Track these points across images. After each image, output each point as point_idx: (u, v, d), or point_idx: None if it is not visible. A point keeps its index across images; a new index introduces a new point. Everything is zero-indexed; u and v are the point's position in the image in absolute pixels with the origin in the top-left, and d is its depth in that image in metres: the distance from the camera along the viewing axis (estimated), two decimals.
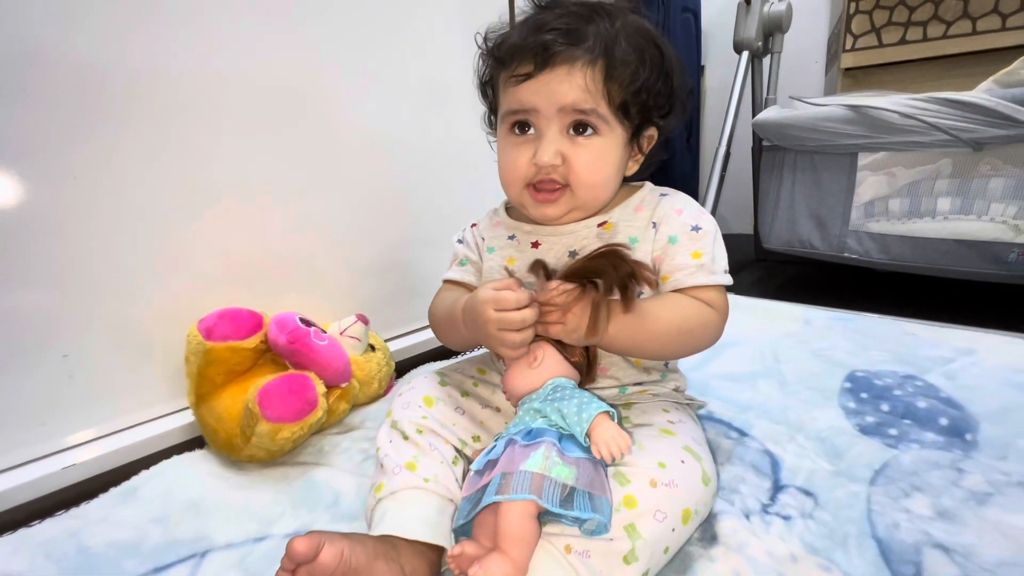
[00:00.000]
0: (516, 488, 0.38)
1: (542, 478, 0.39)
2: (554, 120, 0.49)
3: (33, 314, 0.61)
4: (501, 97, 0.53)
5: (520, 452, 0.41)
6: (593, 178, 0.51)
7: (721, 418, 0.68)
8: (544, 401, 0.44)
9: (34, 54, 0.57)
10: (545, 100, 0.48)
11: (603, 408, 0.43)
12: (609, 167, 0.51)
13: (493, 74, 0.54)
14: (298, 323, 0.67)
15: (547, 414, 0.43)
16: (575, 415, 0.42)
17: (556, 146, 0.49)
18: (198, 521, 0.54)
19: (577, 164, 0.49)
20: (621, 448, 0.40)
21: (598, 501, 0.40)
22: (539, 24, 0.49)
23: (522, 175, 0.51)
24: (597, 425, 0.41)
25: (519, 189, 0.53)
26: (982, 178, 1.09)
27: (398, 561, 0.41)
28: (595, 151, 0.50)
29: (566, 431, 0.42)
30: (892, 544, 0.46)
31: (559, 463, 0.40)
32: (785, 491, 0.54)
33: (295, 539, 0.38)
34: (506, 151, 0.53)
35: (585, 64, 0.47)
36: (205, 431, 0.66)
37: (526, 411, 0.45)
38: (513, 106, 0.50)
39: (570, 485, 0.39)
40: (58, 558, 0.50)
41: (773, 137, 1.33)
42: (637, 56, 0.49)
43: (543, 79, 0.47)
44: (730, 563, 0.44)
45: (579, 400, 0.43)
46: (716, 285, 0.51)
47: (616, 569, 0.39)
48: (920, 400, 0.69)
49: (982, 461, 0.56)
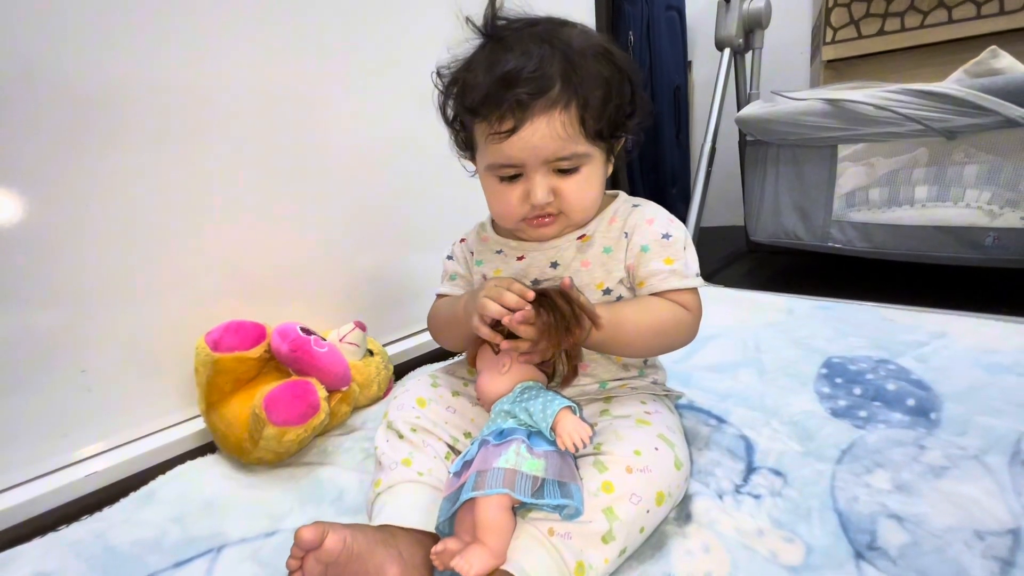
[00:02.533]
0: (491, 483, 0.42)
1: (514, 473, 0.43)
2: (540, 167, 0.52)
3: (50, 332, 0.64)
4: (480, 146, 0.54)
5: (493, 451, 0.45)
6: (583, 203, 0.55)
7: (701, 407, 0.72)
8: (513, 403, 0.48)
9: (36, 74, 0.60)
10: (530, 155, 0.50)
11: (565, 404, 0.47)
12: (595, 188, 0.55)
13: (463, 119, 0.56)
14: (299, 332, 0.71)
15: (516, 414, 0.47)
16: (540, 412, 0.46)
17: (546, 186, 0.52)
18: (213, 519, 0.59)
19: (567, 195, 0.53)
20: (583, 438, 0.44)
21: (567, 488, 0.44)
22: (505, 74, 0.48)
23: (517, 214, 0.54)
24: (560, 419, 0.45)
25: (515, 223, 0.56)
26: (957, 165, 1.12)
27: (396, 547, 0.46)
28: (581, 180, 0.53)
29: (534, 428, 0.46)
30: (851, 515, 0.50)
31: (528, 457, 0.44)
32: (757, 472, 0.58)
33: (302, 528, 0.43)
34: (497, 195, 0.55)
35: (560, 110, 0.49)
36: (216, 436, 0.70)
37: (497, 413, 0.49)
38: (499, 160, 0.52)
39: (540, 476, 0.43)
40: (87, 557, 0.54)
41: (755, 132, 1.36)
42: (600, 80, 0.51)
43: (523, 135, 0.49)
44: (701, 538, 0.48)
45: (543, 399, 0.47)
46: (689, 288, 0.55)
47: (595, 548, 0.43)
48: (890, 383, 0.72)
49: (942, 438, 0.60)
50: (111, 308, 0.68)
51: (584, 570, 0.43)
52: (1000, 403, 0.65)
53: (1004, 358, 0.76)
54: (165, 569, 0.52)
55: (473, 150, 0.57)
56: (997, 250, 1.07)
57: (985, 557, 0.44)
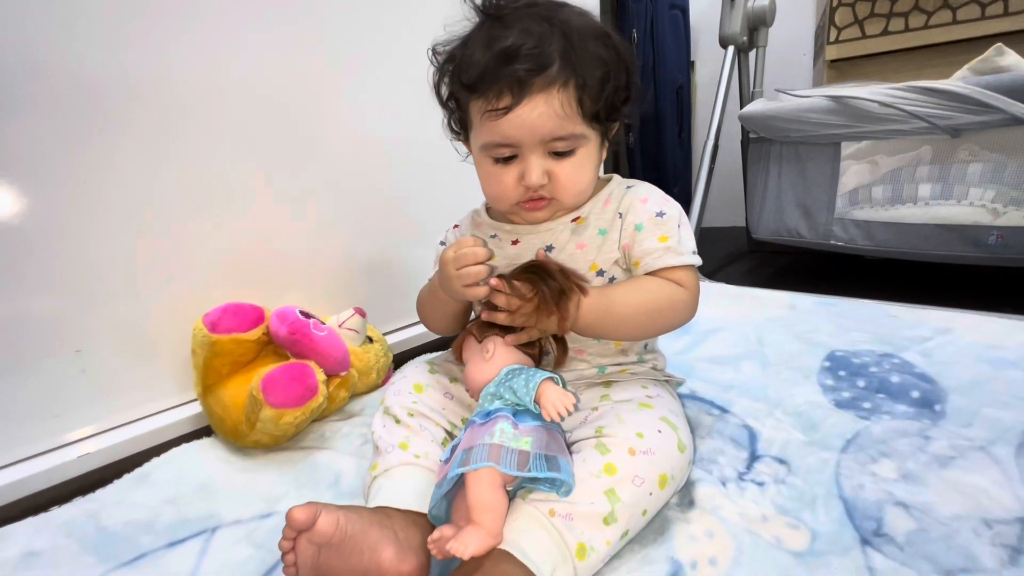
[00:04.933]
0: (476, 459, 0.42)
1: (499, 447, 0.42)
2: (536, 147, 0.51)
3: (45, 313, 0.64)
4: (476, 125, 0.53)
5: (478, 430, 0.45)
6: (577, 186, 0.54)
7: (704, 397, 0.71)
8: (498, 384, 0.48)
9: (39, 65, 0.60)
10: (527, 134, 0.50)
11: (546, 375, 0.46)
12: (589, 173, 0.54)
13: (458, 96, 0.55)
14: (298, 315, 0.70)
15: (502, 394, 0.47)
16: (523, 387, 0.45)
17: (542, 167, 0.51)
18: (208, 501, 0.58)
19: (562, 178, 0.52)
20: (566, 406, 0.43)
21: (554, 461, 0.43)
22: (504, 50, 0.48)
23: (511, 196, 0.54)
24: (543, 391, 0.45)
25: (509, 205, 0.56)
26: (961, 164, 1.12)
27: (391, 528, 0.44)
28: (576, 163, 0.52)
29: (520, 405, 0.46)
30: (857, 503, 0.49)
31: (513, 432, 0.43)
32: (761, 460, 0.57)
33: (294, 508, 0.41)
34: (491, 177, 0.54)
35: (559, 89, 0.48)
36: (212, 419, 0.69)
37: (484, 397, 0.49)
38: (494, 139, 0.51)
39: (526, 451, 0.43)
40: (79, 536, 0.53)
41: (759, 129, 1.36)
42: (600, 62, 0.50)
43: (521, 112, 0.48)
44: (704, 524, 0.48)
45: (526, 375, 0.47)
46: (685, 265, 0.54)
47: (597, 529, 0.43)
48: (894, 376, 0.72)
49: (948, 429, 0.59)
50: (108, 292, 0.68)
51: (585, 552, 0.42)
52: (1006, 396, 0.64)
53: (1009, 353, 0.75)
54: (158, 549, 0.51)
55: (467, 131, 0.57)
56: (1000, 249, 1.07)
57: (994, 545, 0.43)
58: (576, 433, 0.51)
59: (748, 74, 1.63)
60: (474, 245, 0.52)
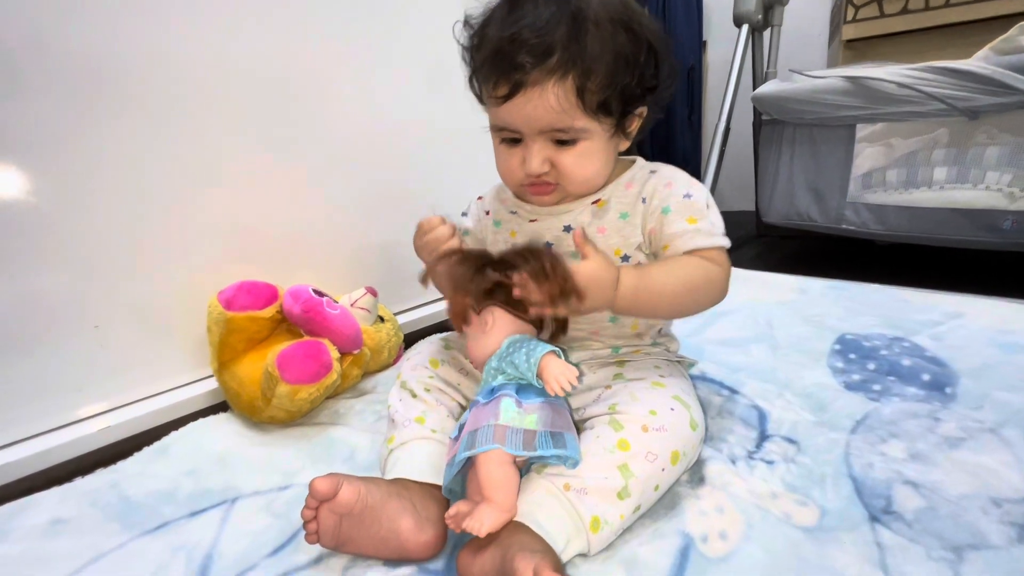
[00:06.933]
0: (482, 441, 0.42)
1: (505, 428, 0.43)
2: (536, 136, 0.51)
3: (64, 290, 0.65)
4: (487, 104, 0.54)
5: (483, 410, 0.45)
6: (582, 176, 0.53)
7: (714, 378, 0.71)
8: (500, 359, 0.48)
9: (48, 45, 0.60)
10: (524, 123, 0.50)
11: (547, 349, 0.46)
12: (596, 163, 0.53)
13: (476, 78, 0.55)
14: (311, 294, 0.71)
15: (504, 369, 0.47)
16: (525, 362, 0.45)
17: (542, 155, 0.51)
18: (227, 474, 0.59)
19: (564, 166, 0.52)
20: (569, 379, 0.43)
21: (560, 437, 0.44)
22: (509, 38, 0.47)
23: (517, 178, 0.54)
24: (545, 365, 0.44)
25: (516, 186, 0.57)
26: (978, 147, 1.10)
27: (409, 499, 0.46)
28: (579, 154, 0.52)
29: (523, 380, 0.46)
30: (866, 481, 0.50)
31: (517, 411, 0.44)
32: (770, 440, 0.58)
33: (316, 479, 0.43)
34: (500, 156, 0.55)
35: (556, 82, 0.47)
36: (228, 395, 0.70)
37: (487, 372, 0.49)
38: (498, 123, 0.53)
39: (532, 429, 0.43)
40: (103, 505, 0.55)
41: (772, 111, 1.34)
42: (610, 50, 0.48)
43: (518, 103, 0.49)
44: (714, 499, 0.48)
45: (527, 348, 0.46)
46: (716, 247, 0.53)
47: (610, 503, 0.44)
48: (905, 359, 0.72)
49: (958, 411, 0.60)
50: (123, 268, 0.69)
51: (599, 525, 0.43)
52: (1017, 380, 0.64)
53: (1020, 338, 0.75)
54: (181, 518, 0.52)
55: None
56: (1015, 234, 1.06)
57: (1002, 523, 0.44)
58: (589, 410, 0.52)
59: (762, 54, 1.59)
60: (441, 223, 0.56)
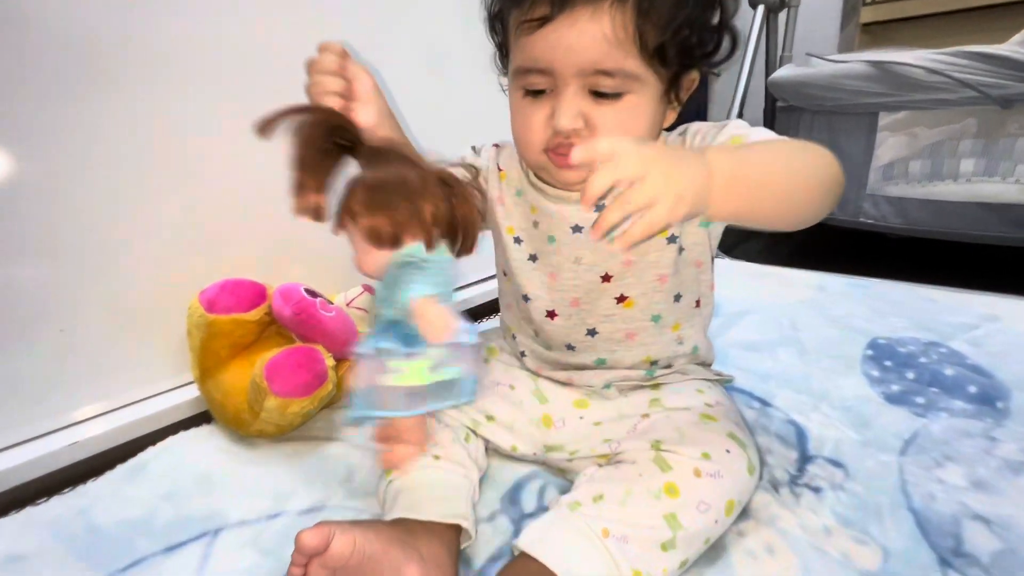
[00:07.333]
0: (372, 405, 0.38)
1: (392, 390, 0.38)
2: (572, 79, 0.41)
3: (26, 287, 0.58)
4: (512, 44, 0.45)
5: (370, 363, 0.39)
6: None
7: (742, 388, 0.66)
8: (387, 285, 0.39)
9: (19, 20, 0.53)
10: (562, 58, 0.40)
11: (421, 293, 0.37)
12: (640, 130, 0.43)
13: (503, 8, 0.46)
14: (303, 294, 0.64)
15: (391, 305, 0.39)
16: (399, 300, 0.38)
17: (576, 107, 0.41)
18: (209, 497, 0.53)
19: (602, 129, 0.42)
20: (448, 326, 0.36)
21: (452, 386, 0.38)
22: None
23: (539, 139, 0.44)
24: (419, 313, 0.37)
25: (536, 153, 0.45)
26: (1009, 138, 1.05)
27: (414, 546, 0.39)
28: (623, 113, 0.42)
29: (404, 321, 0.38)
30: (929, 515, 0.44)
31: (403, 370, 0.38)
32: (813, 462, 0.52)
33: (303, 532, 0.36)
34: (519, 111, 0.46)
35: (612, 4, 0.38)
36: (212, 406, 0.64)
37: (377, 297, 0.41)
38: (525, 63, 0.42)
39: (421, 385, 0.38)
40: (67, 537, 0.49)
41: (789, 97, 1.27)
42: None
43: (560, 28, 0.39)
44: (762, 537, 0.43)
45: (406, 279, 0.38)
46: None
47: (654, 556, 0.38)
48: (947, 367, 0.67)
49: (1015, 429, 0.55)
50: (91, 262, 0.62)
51: None
52: None
53: None
54: (155, 554, 0.46)
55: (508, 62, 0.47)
56: None
57: None
58: (623, 444, 0.46)
59: (776, 37, 1.52)
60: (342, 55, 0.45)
